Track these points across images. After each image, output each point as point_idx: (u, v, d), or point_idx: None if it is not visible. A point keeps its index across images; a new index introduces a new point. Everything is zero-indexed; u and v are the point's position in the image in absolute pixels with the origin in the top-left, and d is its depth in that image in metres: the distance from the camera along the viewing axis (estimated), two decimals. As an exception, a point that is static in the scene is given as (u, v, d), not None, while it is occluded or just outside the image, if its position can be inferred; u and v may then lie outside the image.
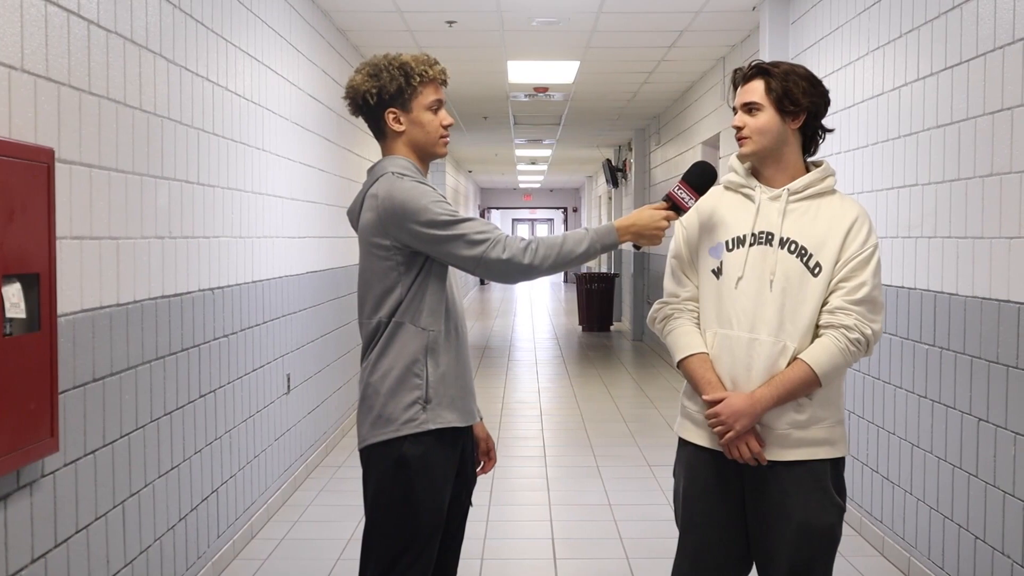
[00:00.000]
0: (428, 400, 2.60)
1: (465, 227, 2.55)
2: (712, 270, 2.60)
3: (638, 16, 7.11)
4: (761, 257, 2.55)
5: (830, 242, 2.52)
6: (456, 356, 2.68)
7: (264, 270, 5.12)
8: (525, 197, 35.14)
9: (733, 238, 2.59)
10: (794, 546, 2.51)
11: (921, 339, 4.23)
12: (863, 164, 4.89)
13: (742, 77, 2.61)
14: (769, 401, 2.48)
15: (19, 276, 2.63)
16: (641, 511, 5.40)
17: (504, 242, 2.55)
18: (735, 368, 2.54)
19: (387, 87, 2.64)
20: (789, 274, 2.52)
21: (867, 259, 2.52)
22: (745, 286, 2.54)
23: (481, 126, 13.55)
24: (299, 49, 5.97)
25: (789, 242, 2.54)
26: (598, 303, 15.33)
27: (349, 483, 5.89)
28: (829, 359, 2.48)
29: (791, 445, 2.53)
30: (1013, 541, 3.48)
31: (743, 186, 2.64)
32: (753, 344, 2.52)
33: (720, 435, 2.51)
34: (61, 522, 2.96)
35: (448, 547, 2.77)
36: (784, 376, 2.49)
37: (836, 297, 2.51)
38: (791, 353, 2.50)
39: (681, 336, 2.62)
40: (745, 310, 2.53)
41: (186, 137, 3.97)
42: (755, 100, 2.55)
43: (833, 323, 2.50)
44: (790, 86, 2.53)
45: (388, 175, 2.63)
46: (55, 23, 2.92)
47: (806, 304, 2.51)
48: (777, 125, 2.55)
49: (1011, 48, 3.48)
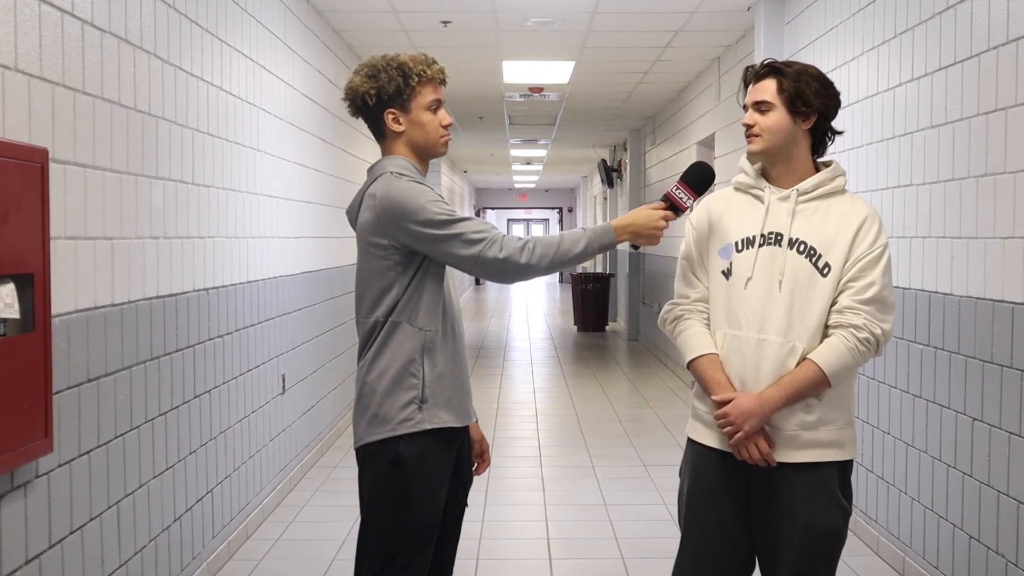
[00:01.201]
0: (424, 400, 2.60)
1: (462, 226, 2.55)
2: (722, 271, 2.60)
3: (633, 16, 7.11)
4: (770, 258, 2.55)
5: (839, 242, 2.52)
6: (453, 356, 2.68)
7: (259, 270, 5.11)
8: (520, 197, 35.14)
9: (743, 239, 2.59)
10: (799, 548, 2.52)
11: (916, 339, 4.23)
12: (858, 164, 4.90)
13: (754, 75, 2.60)
14: (778, 401, 2.48)
15: (13, 276, 2.62)
16: (637, 511, 5.40)
17: (501, 241, 2.54)
18: (744, 369, 2.53)
19: (386, 88, 2.64)
20: (798, 274, 2.52)
21: (876, 259, 2.51)
22: (754, 287, 2.54)
23: (476, 126, 13.55)
24: (294, 49, 5.96)
25: (798, 243, 2.54)
26: (593, 303, 15.34)
27: (344, 483, 5.88)
28: (838, 359, 2.48)
29: (800, 446, 2.53)
30: (1007, 541, 3.49)
31: (752, 187, 2.64)
32: (762, 345, 2.51)
33: (729, 436, 2.51)
34: (55, 523, 2.96)
35: (444, 547, 2.77)
36: (793, 376, 2.48)
37: (845, 297, 2.50)
38: (800, 354, 2.50)
39: (691, 337, 2.62)
40: (754, 311, 2.53)
41: (181, 137, 3.97)
42: (766, 99, 2.55)
43: (842, 323, 2.49)
44: (802, 86, 2.53)
45: (387, 175, 2.63)
46: (49, 23, 2.91)
47: (815, 304, 2.51)
48: (788, 125, 2.55)
49: (1005, 48, 3.48)
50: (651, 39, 7.88)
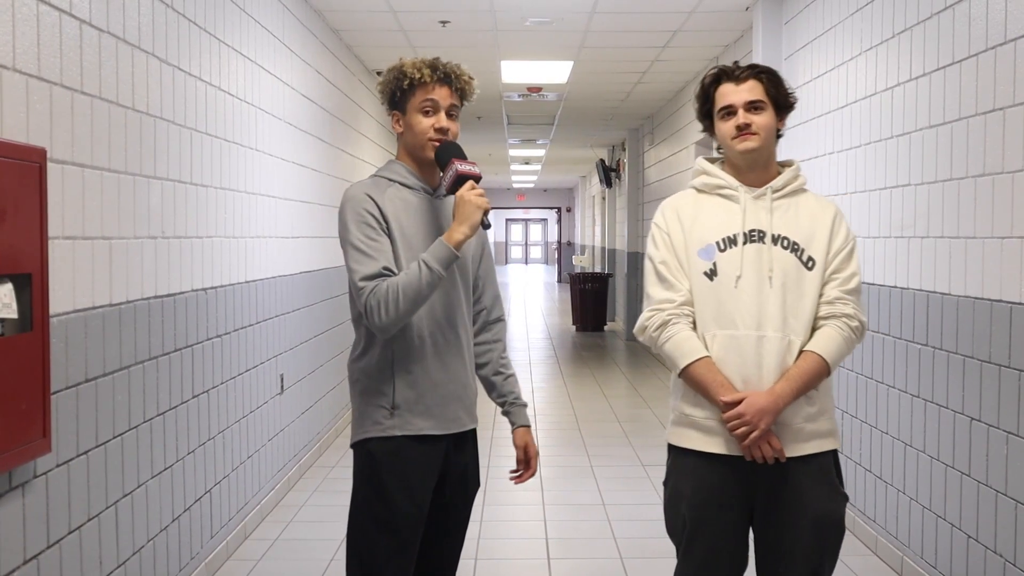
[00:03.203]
0: (396, 407, 2.60)
1: (355, 263, 2.52)
2: (704, 272, 2.59)
3: (632, 16, 7.12)
4: (756, 255, 2.57)
5: (818, 236, 2.59)
6: (439, 363, 2.63)
7: (257, 270, 5.11)
8: (519, 197, 35.15)
9: (724, 238, 2.59)
10: (810, 542, 2.54)
11: (914, 339, 4.23)
12: (856, 164, 4.90)
13: (735, 77, 2.62)
14: (789, 396, 2.50)
15: (11, 276, 2.62)
16: (635, 511, 5.40)
17: (368, 296, 2.48)
18: (745, 367, 2.53)
19: (388, 91, 2.67)
20: (787, 269, 2.56)
21: (852, 251, 2.63)
22: (745, 284, 2.55)
23: (475, 126, 13.55)
24: (292, 49, 5.96)
25: (781, 238, 2.58)
26: (592, 303, 15.34)
27: (342, 483, 5.88)
28: (837, 348, 2.54)
29: (804, 439, 2.56)
30: (1005, 540, 3.49)
31: (722, 187, 2.66)
32: (762, 341, 2.52)
33: (743, 436, 2.48)
34: (53, 523, 2.95)
35: (444, 550, 2.75)
36: (799, 369, 2.51)
37: (832, 288, 2.58)
38: (797, 347, 2.54)
39: (683, 342, 2.57)
40: (749, 309, 2.54)
41: (179, 137, 3.97)
42: (760, 98, 2.60)
43: (835, 313, 2.56)
44: (780, 88, 2.63)
45: (370, 177, 2.69)
46: (47, 22, 2.91)
47: (806, 298, 2.56)
48: (774, 124, 2.63)
49: (1003, 48, 3.48)
50: (649, 39, 7.88)
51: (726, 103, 2.62)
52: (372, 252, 2.52)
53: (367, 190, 2.60)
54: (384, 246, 2.55)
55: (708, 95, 2.67)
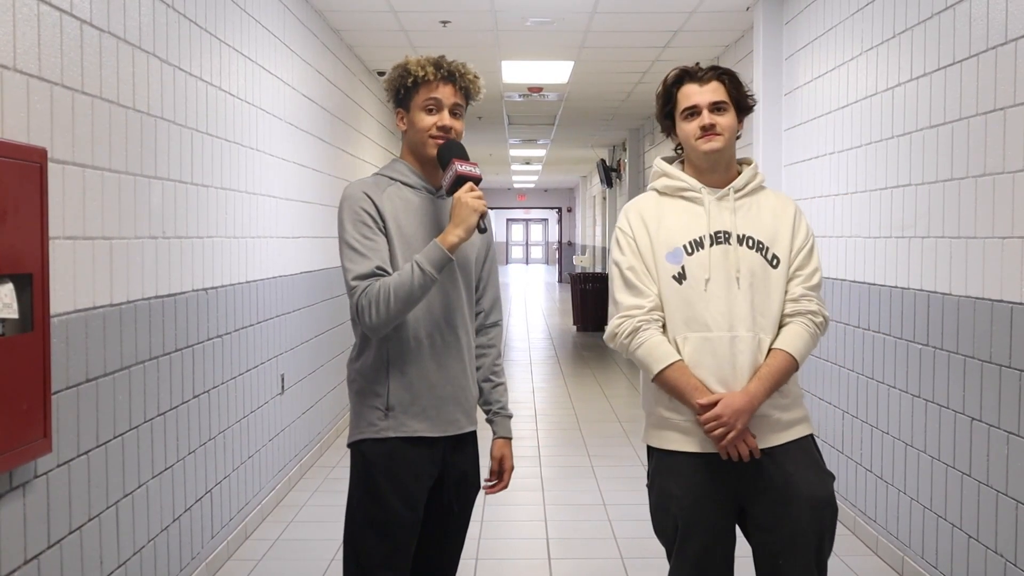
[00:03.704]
0: (390, 408, 2.60)
1: (349, 262, 2.53)
2: (673, 276, 2.60)
3: (632, 16, 7.12)
4: (723, 256, 2.60)
5: (781, 234, 2.64)
6: (436, 365, 2.62)
7: (258, 270, 5.11)
8: (519, 197, 35.15)
9: (690, 241, 2.61)
10: (809, 522, 2.55)
11: (915, 339, 4.23)
12: (856, 164, 4.90)
13: (699, 78, 2.64)
14: (763, 395, 2.55)
15: (12, 276, 2.62)
16: (636, 511, 5.40)
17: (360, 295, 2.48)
18: (720, 368, 2.55)
19: (392, 88, 2.68)
20: (754, 269, 2.60)
21: (812, 247, 2.68)
22: (714, 286, 2.58)
23: (475, 126, 13.55)
24: (293, 49, 5.96)
25: (746, 238, 2.62)
26: (592, 303, 15.33)
27: (343, 484, 5.84)
28: (804, 344, 2.61)
29: (782, 428, 2.61)
30: (1006, 540, 3.49)
31: (683, 189, 2.67)
32: (735, 341, 2.56)
33: (720, 437, 2.51)
34: (54, 523, 2.96)
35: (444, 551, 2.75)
36: (771, 368, 2.56)
37: (796, 285, 2.63)
38: (767, 345, 2.59)
39: (655, 348, 2.58)
40: (720, 310, 2.57)
41: (179, 137, 3.97)
42: (723, 99, 2.62)
43: (800, 310, 2.62)
44: (741, 89, 2.66)
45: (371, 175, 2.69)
46: (48, 22, 2.91)
47: (773, 296, 2.61)
48: (736, 125, 2.66)
49: (1004, 48, 3.48)
50: (650, 39, 7.88)
51: (690, 104, 2.62)
52: (366, 251, 2.52)
53: (365, 188, 2.60)
54: (379, 245, 2.54)
55: (671, 95, 2.68)
